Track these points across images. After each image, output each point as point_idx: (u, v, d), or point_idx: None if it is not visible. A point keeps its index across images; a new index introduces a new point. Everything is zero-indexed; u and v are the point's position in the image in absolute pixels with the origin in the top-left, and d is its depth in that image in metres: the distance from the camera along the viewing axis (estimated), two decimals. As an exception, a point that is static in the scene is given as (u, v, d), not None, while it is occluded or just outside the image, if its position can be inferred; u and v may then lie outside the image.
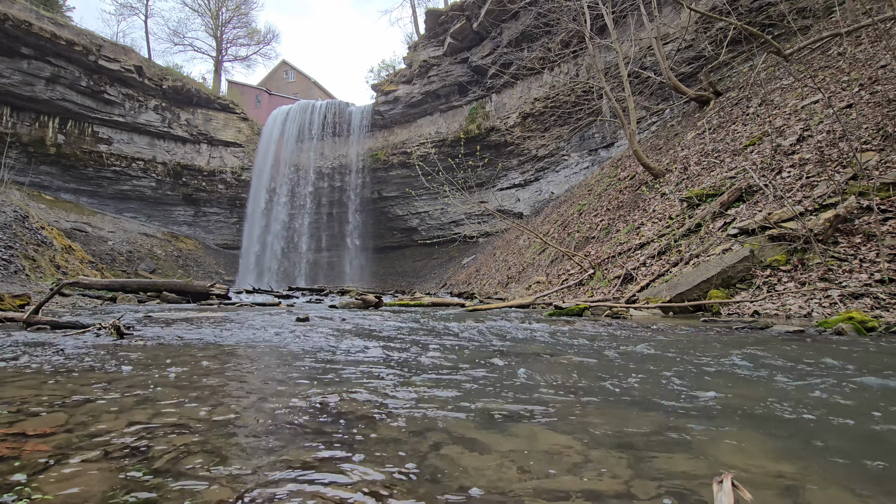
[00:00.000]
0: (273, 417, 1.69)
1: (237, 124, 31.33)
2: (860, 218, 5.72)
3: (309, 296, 13.59)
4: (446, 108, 27.40)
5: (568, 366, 2.71)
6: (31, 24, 22.37)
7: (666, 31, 16.90)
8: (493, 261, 19.75)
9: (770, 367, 2.55)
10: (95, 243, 23.31)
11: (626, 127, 11.98)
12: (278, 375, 2.52)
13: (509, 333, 4.17)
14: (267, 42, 43.00)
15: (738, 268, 5.96)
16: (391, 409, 1.79)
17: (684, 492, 1.12)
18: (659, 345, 3.42)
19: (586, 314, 6.08)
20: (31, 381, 2.20)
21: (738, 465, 1.28)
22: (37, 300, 6.42)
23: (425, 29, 28.17)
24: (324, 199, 31.26)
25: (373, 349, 3.29)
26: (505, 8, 21.89)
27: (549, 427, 1.60)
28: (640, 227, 10.08)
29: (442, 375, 2.44)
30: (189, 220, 31.38)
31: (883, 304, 4.57)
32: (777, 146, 8.44)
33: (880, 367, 2.56)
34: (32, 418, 1.64)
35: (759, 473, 1.22)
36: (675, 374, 2.42)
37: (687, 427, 1.60)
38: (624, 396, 2.01)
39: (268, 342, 3.67)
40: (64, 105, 25.06)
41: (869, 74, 8.63)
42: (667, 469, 1.25)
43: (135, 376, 2.32)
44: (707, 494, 1.09)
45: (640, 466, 1.27)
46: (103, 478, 1.17)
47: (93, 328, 4.05)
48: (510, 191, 25.89)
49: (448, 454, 1.35)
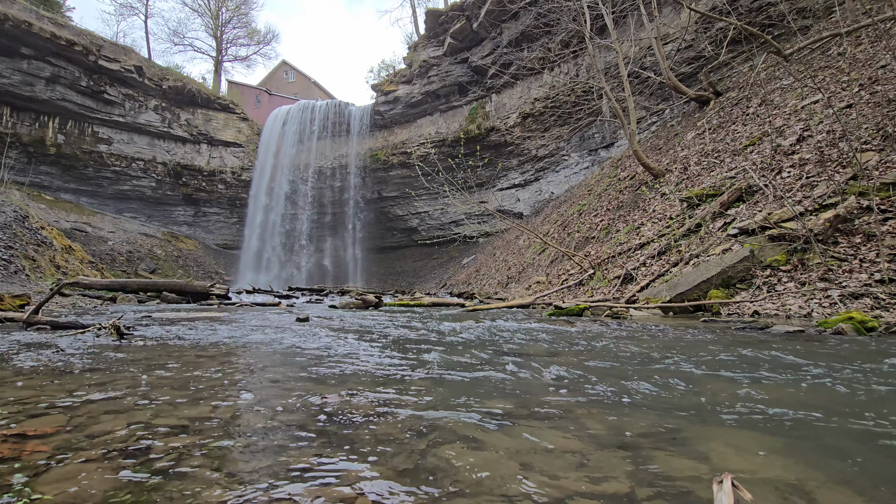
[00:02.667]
0: (273, 417, 1.69)
1: (237, 124, 31.33)
2: (860, 218, 5.72)
3: (309, 296, 13.59)
4: (446, 108, 27.39)
5: (568, 366, 2.71)
6: (31, 24, 22.37)
7: (666, 31, 16.90)
8: (493, 261, 19.75)
9: (770, 368, 2.55)
10: (95, 243, 23.31)
11: (626, 127, 11.98)
12: (278, 376, 2.52)
13: (509, 334, 4.17)
14: (267, 42, 43.02)
15: (738, 268, 5.95)
16: (391, 409, 1.79)
17: (684, 492, 1.12)
18: (659, 345, 3.42)
19: (586, 314, 6.08)
20: (31, 382, 2.20)
21: (738, 464, 1.28)
22: (37, 300, 6.42)
23: (425, 29, 28.16)
24: (324, 199, 31.28)
25: (372, 349, 3.29)
26: (505, 8, 21.89)
27: (549, 427, 1.60)
28: (640, 227, 10.08)
29: (442, 375, 2.44)
30: (189, 220, 31.38)
31: (883, 304, 4.57)
32: (777, 146, 8.44)
33: (880, 367, 2.55)
34: (32, 419, 1.64)
35: (760, 474, 1.22)
36: (674, 374, 2.42)
37: (687, 427, 1.60)
38: (624, 396, 2.01)
39: (268, 342, 3.67)
40: (64, 105, 25.05)
41: (869, 74, 8.62)
42: (667, 469, 1.25)
43: (135, 377, 2.32)
44: (707, 494, 1.09)
45: (640, 466, 1.26)
46: (103, 478, 1.17)
47: (93, 328, 4.05)
48: (510, 191, 25.88)
49: (448, 453, 1.35)
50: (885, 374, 2.37)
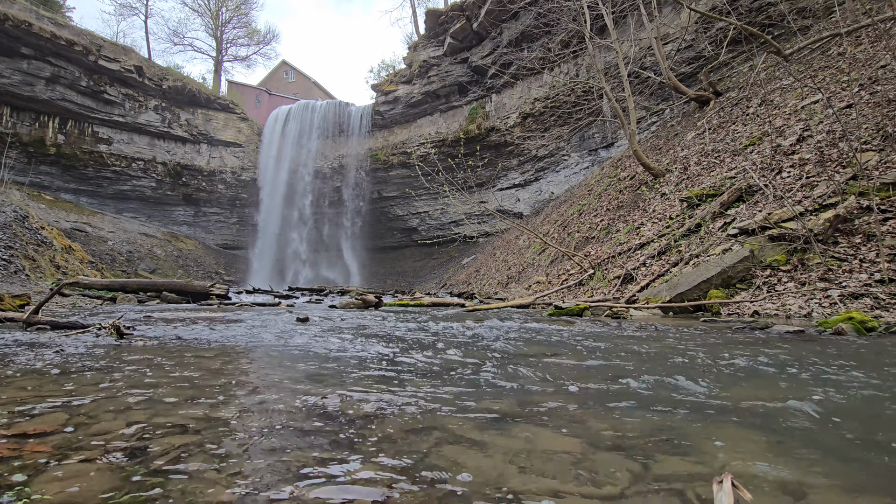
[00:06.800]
0: (273, 417, 1.69)
1: (237, 124, 31.35)
2: (860, 218, 5.72)
3: (309, 296, 13.59)
4: (446, 109, 27.40)
5: (568, 366, 2.71)
6: (31, 24, 22.37)
7: (666, 31, 16.90)
8: (493, 261, 19.75)
9: (770, 367, 2.55)
10: (95, 243, 23.31)
11: (626, 127, 11.98)
12: (278, 375, 2.52)
13: (509, 334, 4.17)
14: (267, 42, 43.05)
15: (738, 268, 5.95)
16: (391, 409, 1.79)
17: (684, 492, 1.12)
18: (658, 345, 3.42)
19: (586, 314, 6.08)
20: (31, 382, 2.20)
21: (737, 464, 1.28)
22: (37, 300, 6.42)
23: (425, 29, 28.17)
24: (324, 199, 31.29)
25: (373, 349, 3.29)
26: (505, 8, 21.89)
27: (549, 427, 1.60)
28: (640, 227, 10.08)
29: (442, 375, 2.44)
30: (189, 220, 31.39)
31: (883, 304, 4.57)
32: (777, 146, 8.44)
33: (880, 367, 2.55)
34: (32, 418, 1.64)
35: (759, 473, 1.22)
36: (674, 374, 2.42)
37: (687, 427, 1.60)
38: (624, 396, 2.01)
39: (268, 342, 3.67)
40: (64, 105, 25.06)
41: (869, 74, 8.62)
42: (666, 469, 1.25)
43: (134, 376, 2.32)
44: (707, 494, 1.09)
45: (640, 466, 1.26)
46: (103, 478, 1.17)
47: (93, 328, 4.05)
48: (510, 191, 25.89)
49: (448, 453, 1.35)
50: (885, 373, 2.37)
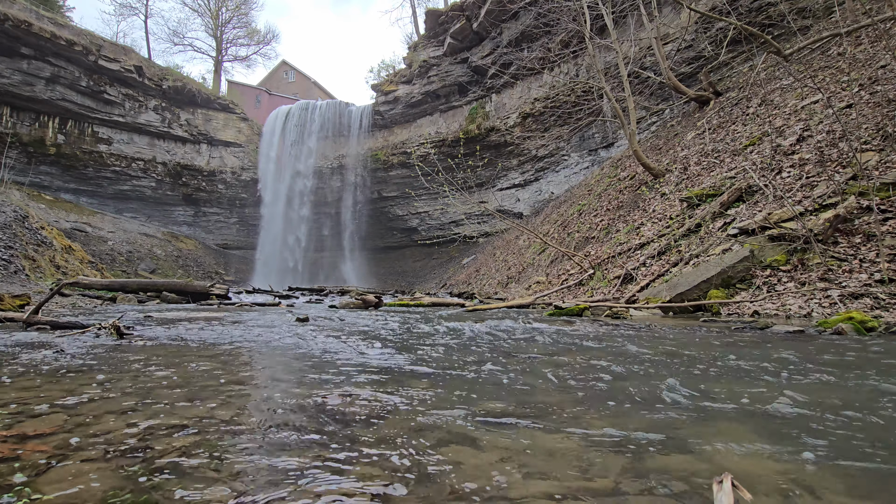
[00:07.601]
0: (273, 417, 1.69)
1: (237, 124, 31.35)
2: (860, 218, 5.72)
3: (309, 296, 13.59)
4: (446, 109, 27.40)
5: (567, 366, 2.71)
6: (31, 24, 22.37)
7: (666, 31, 16.90)
8: (493, 261, 19.75)
9: (769, 367, 2.55)
10: (95, 243, 23.31)
11: (626, 127, 11.98)
12: (278, 375, 2.52)
13: (509, 334, 4.17)
14: (267, 42, 43.05)
15: (737, 268, 5.95)
16: (391, 409, 1.79)
17: (684, 492, 1.12)
18: (658, 345, 3.42)
19: (586, 314, 6.08)
20: (30, 382, 2.20)
21: (737, 464, 1.28)
22: (37, 300, 6.42)
23: (425, 29, 28.16)
24: (324, 199, 31.28)
25: (373, 349, 3.29)
26: (505, 8, 21.89)
27: (550, 426, 1.60)
28: (640, 227, 10.08)
29: (442, 375, 2.44)
30: (189, 220, 31.39)
31: (883, 304, 4.57)
32: (777, 146, 8.44)
33: (879, 367, 2.56)
34: (32, 419, 1.64)
35: (759, 473, 1.22)
36: (674, 373, 2.42)
37: (686, 426, 1.60)
38: (623, 396, 2.01)
39: (268, 342, 3.67)
40: (64, 105, 25.06)
41: (869, 74, 8.62)
42: (666, 469, 1.25)
43: (134, 376, 2.32)
44: (706, 494, 1.09)
45: (640, 466, 1.27)
46: (103, 478, 1.17)
47: (93, 328, 4.05)
48: (510, 191, 25.88)
49: (448, 453, 1.35)
50: (884, 373, 2.37)
